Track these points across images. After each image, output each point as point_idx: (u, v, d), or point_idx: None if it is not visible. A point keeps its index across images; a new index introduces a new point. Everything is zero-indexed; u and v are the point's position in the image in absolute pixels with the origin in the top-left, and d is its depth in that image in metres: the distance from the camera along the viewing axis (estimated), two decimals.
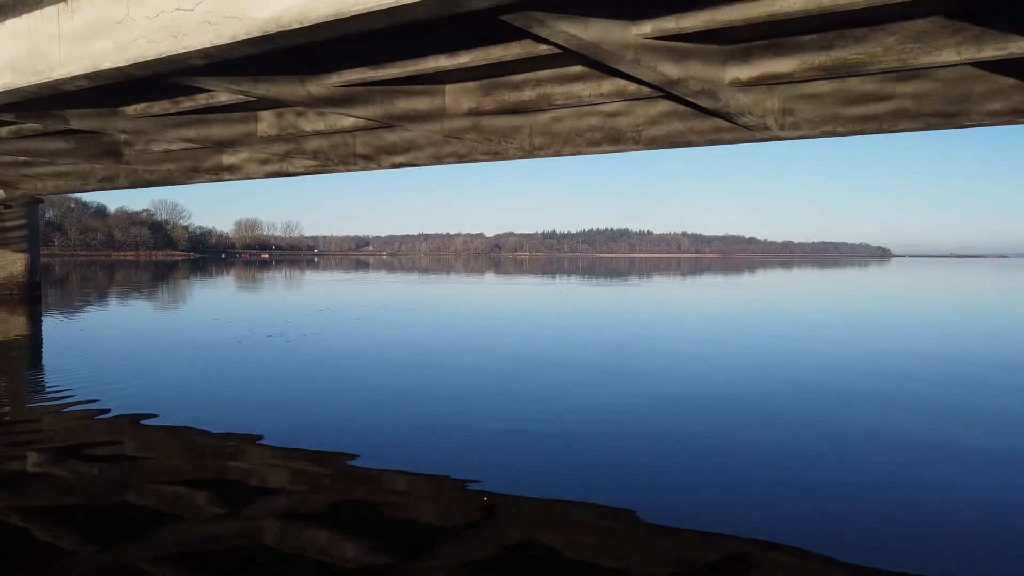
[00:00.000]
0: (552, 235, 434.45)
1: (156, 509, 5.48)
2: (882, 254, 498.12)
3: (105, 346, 15.43)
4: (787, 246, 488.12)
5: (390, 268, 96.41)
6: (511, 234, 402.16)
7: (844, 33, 7.66)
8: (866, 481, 6.75)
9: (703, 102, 8.44)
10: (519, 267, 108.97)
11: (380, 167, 14.12)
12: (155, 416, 8.79)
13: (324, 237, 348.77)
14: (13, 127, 13.33)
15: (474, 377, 12.43)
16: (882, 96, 8.98)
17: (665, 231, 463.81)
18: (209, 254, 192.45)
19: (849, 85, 9.12)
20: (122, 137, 15.11)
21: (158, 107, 10.99)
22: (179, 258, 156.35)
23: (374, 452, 7.42)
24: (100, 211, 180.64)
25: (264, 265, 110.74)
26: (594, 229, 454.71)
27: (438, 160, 13.72)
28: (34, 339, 16.86)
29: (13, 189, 22.04)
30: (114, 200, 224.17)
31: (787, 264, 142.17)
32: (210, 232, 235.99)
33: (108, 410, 9.05)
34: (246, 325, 20.18)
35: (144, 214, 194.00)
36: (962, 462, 7.41)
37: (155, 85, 8.96)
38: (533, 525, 5.39)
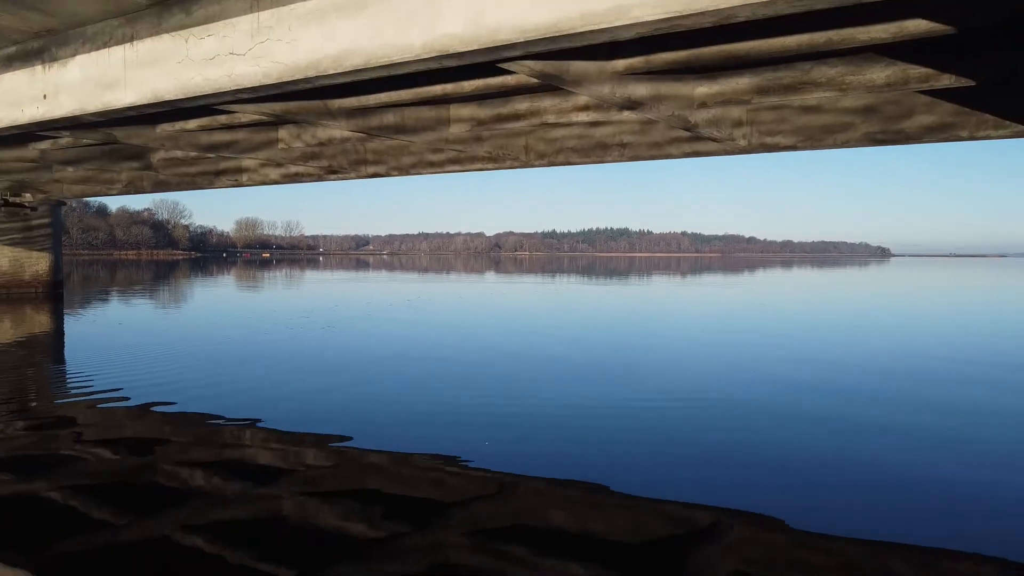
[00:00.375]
0: (552, 234, 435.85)
1: (174, 486, 6.60)
2: (882, 254, 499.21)
3: (127, 340, 16.67)
4: (787, 245, 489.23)
5: (391, 267, 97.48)
6: (511, 233, 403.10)
7: (793, 65, 8.97)
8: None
9: (672, 122, 9.78)
10: (519, 266, 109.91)
11: (389, 175, 15.47)
12: (173, 404, 9.91)
13: (324, 236, 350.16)
14: (54, 139, 14.65)
15: (493, 366, 13.75)
16: (829, 110, 10.33)
17: (665, 230, 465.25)
18: (210, 253, 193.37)
19: (808, 103, 10.45)
20: (151, 144, 16.44)
21: (193, 123, 12.35)
22: (180, 257, 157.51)
23: (389, 436, 8.73)
24: (102, 210, 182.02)
25: (265, 264, 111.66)
26: (594, 228, 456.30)
27: (439, 168, 15.08)
28: (60, 334, 18.07)
29: (39, 193, 23.38)
30: (115, 199, 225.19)
31: (787, 263, 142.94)
32: (211, 231, 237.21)
33: (128, 399, 10.10)
34: (263, 320, 21.52)
35: (145, 213, 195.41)
36: None
37: (198, 108, 10.30)
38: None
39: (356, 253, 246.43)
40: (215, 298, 33.94)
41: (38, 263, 26.05)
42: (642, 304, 32.92)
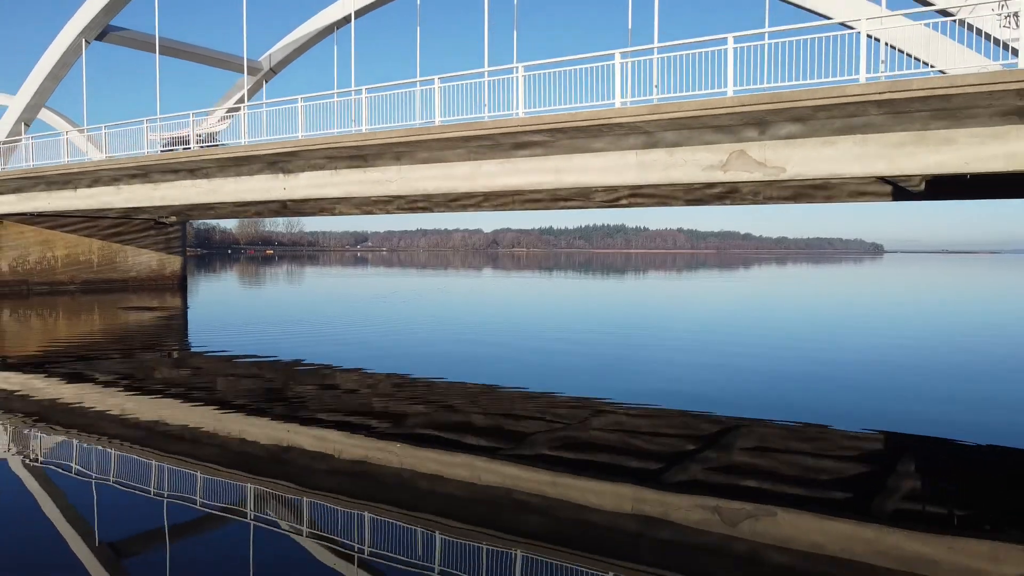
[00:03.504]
0: (549, 231, 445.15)
1: (251, 400, 17.34)
2: (875, 250, 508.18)
3: (228, 319, 27.17)
4: (781, 242, 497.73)
5: (398, 264, 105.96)
6: (508, 230, 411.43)
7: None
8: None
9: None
10: (517, 263, 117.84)
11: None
12: (266, 356, 20.54)
13: (324, 233, 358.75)
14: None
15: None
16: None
17: (661, 227, 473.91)
18: (214, 250, 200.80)
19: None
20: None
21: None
22: (189, 255, 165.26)
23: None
24: None
25: (268, 261, 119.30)
26: (590, 225, 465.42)
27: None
28: (185, 311, 28.40)
29: (185, 218, 34.15)
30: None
31: (782, 260, 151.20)
32: (214, 229, 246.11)
33: (227, 351, 20.57)
34: (353, 300, 32.25)
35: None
36: None
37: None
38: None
39: (355, 250, 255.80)
40: (290, 290, 44.57)
41: (174, 263, 36.88)
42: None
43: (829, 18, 16.07)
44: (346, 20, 28.75)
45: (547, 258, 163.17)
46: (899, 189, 17.82)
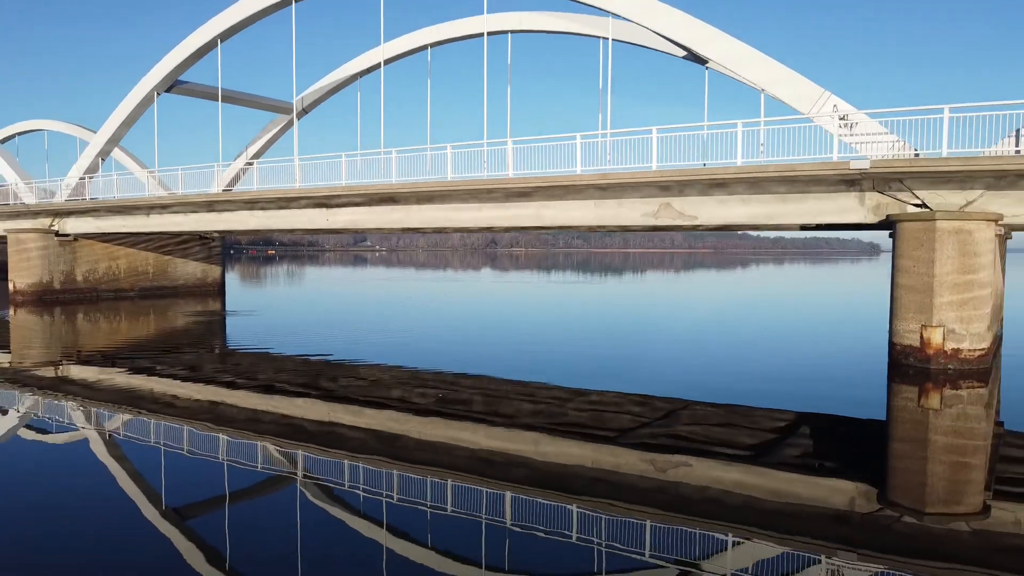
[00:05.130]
0: (547, 230, 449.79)
1: (276, 383, 23.18)
2: (872, 250, 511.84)
3: (263, 320, 33.01)
4: (778, 242, 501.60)
5: (392, 263, 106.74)
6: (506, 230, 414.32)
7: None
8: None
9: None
10: (516, 263, 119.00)
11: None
12: (298, 352, 26.44)
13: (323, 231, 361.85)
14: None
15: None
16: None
17: None
18: None
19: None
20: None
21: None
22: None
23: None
24: None
25: (269, 260, 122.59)
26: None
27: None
28: (223, 315, 34.22)
29: (228, 234, 39.92)
30: None
31: (779, 260, 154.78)
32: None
33: (257, 346, 26.53)
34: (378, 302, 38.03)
35: None
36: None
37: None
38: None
39: (355, 250, 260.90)
40: (305, 290, 50.27)
41: (214, 272, 42.76)
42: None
43: (754, 83, 21.67)
44: (368, 70, 34.70)
45: (545, 258, 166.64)
46: (780, 227, 23.82)
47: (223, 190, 29.34)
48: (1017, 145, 16.12)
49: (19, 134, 49.96)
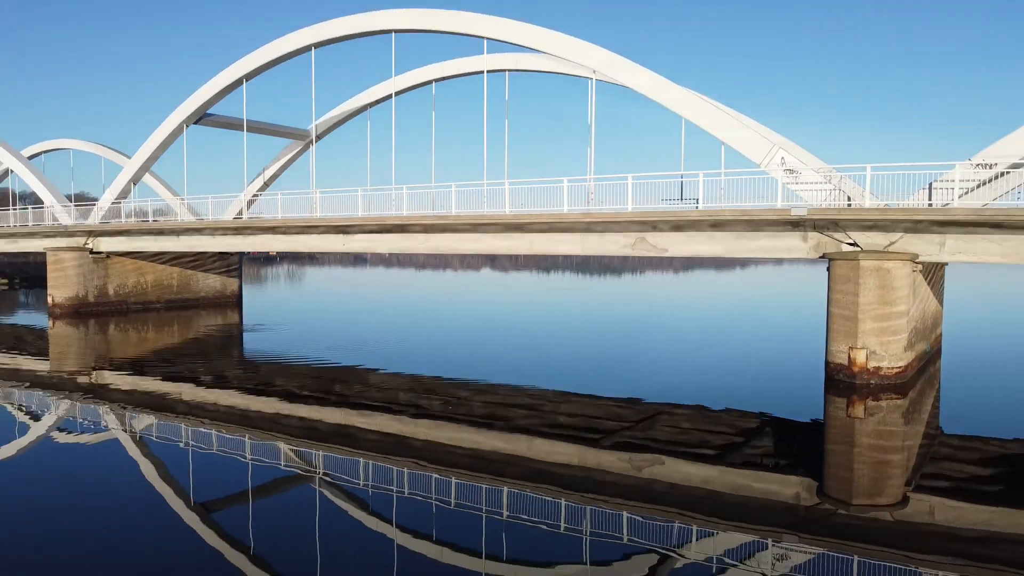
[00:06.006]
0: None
1: (295, 386, 26.31)
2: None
3: (279, 332, 36.10)
4: None
5: (391, 263, 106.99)
6: None
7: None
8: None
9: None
10: (516, 263, 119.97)
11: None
12: (313, 357, 29.55)
13: None
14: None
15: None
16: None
17: None
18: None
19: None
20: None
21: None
22: None
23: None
24: None
25: (270, 261, 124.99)
26: None
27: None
28: (241, 325, 37.40)
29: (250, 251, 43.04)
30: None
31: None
32: None
33: (272, 354, 29.71)
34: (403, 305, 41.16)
35: None
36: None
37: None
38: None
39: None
40: (325, 295, 53.29)
41: (233, 285, 45.92)
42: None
43: (718, 137, 24.68)
44: (378, 101, 37.84)
45: (544, 258, 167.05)
46: (737, 260, 26.94)
47: (245, 214, 32.56)
48: (929, 198, 19.30)
49: (46, 152, 53.23)
